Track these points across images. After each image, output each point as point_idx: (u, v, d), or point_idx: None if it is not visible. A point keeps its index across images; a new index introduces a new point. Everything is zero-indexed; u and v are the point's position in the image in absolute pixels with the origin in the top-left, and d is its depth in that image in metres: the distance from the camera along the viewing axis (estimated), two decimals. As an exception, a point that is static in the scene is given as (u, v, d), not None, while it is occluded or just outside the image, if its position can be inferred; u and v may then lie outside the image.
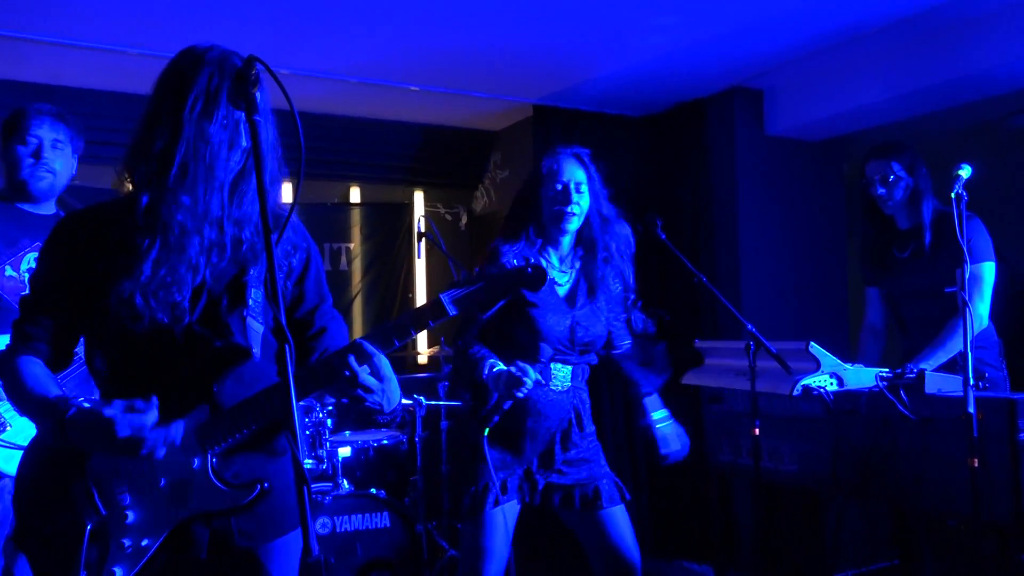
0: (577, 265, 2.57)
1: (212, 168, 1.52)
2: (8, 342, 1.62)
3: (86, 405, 1.46)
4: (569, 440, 2.48)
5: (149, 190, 1.52)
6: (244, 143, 1.53)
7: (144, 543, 1.47)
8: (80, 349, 1.68)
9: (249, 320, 1.58)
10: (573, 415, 2.51)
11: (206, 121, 1.49)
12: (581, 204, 2.47)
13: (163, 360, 1.55)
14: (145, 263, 1.50)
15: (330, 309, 1.77)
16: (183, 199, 1.51)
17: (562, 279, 2.54)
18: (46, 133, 2.61)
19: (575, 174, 2.48)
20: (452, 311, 1.54)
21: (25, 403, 1.54)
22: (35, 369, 1.56)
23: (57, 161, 2.63)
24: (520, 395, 2.22)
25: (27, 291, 1.63)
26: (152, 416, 1.43)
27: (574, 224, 2.50)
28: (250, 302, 1.59)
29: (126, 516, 1.49)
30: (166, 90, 1.54)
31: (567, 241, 2.53)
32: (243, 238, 1.59)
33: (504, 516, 2.39)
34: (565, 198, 2.44)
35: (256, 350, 1.58)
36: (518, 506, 2.44)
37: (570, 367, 2.50)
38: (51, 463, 1.54)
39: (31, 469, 1.57)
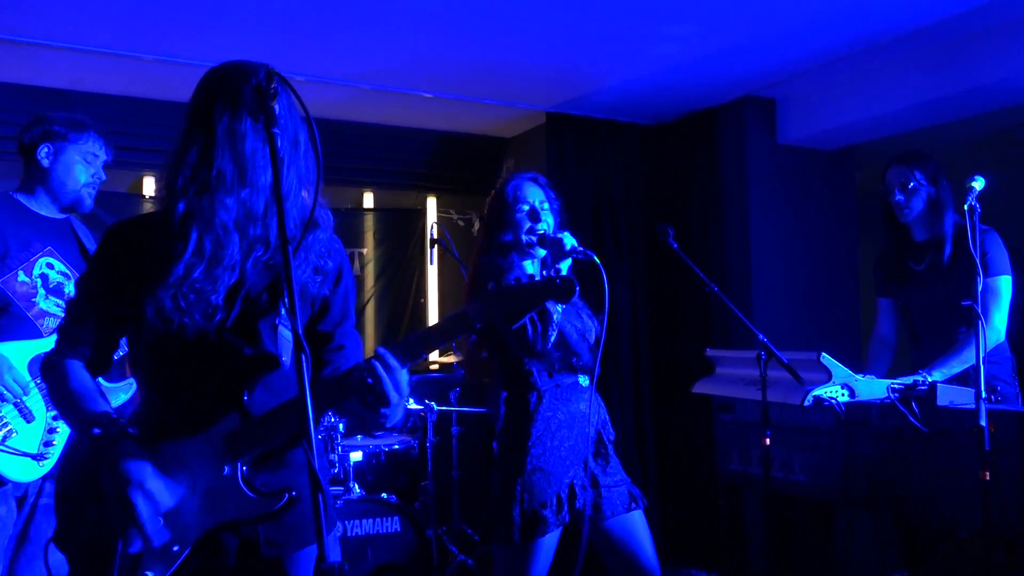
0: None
1: (250, 168, 1.53)
2: (54, 345, 1.67)
3: (124, 448, 1.49)
4: (603, 442, 2.57)
5: (186, 197, 1.54)
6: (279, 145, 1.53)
7: (175, 548, 1.50)
8: None
9: (280, 328, 1.60)
10: (606, 415, 2.63)
11: (238, 123, 1.52)
12: (548, 221, 2.61)
13: (195, 367, 1.57)
14: (177, 265, 1.52)
15: (351, 329, 1.78)
16: (225, 200, 1.53)
17: None
18: (101, 151, 2.65)
19: (537, 195, 2.63)
20: (479, 323, 1.51)
21: (68, 410, 1.59)
22: (80, 376, 1.61)
23: None
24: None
25: (73, 295, 1.68)
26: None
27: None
28: (282, 310, 1.60)
29: (158, 521, 1.50)
30: (197, 103, 1.57)
31: (540, 256, 2.63)
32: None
33: (550, 538, 2.43)
34: (535, 216, 2.59)
35: (285, 358, 1.59)
36: (568, 520, 2.46)
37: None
38: (89, 468, 1.56)
39: (70, 473, 1.60)
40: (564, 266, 2.45)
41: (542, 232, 2.55)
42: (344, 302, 1.75)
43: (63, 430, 2.50)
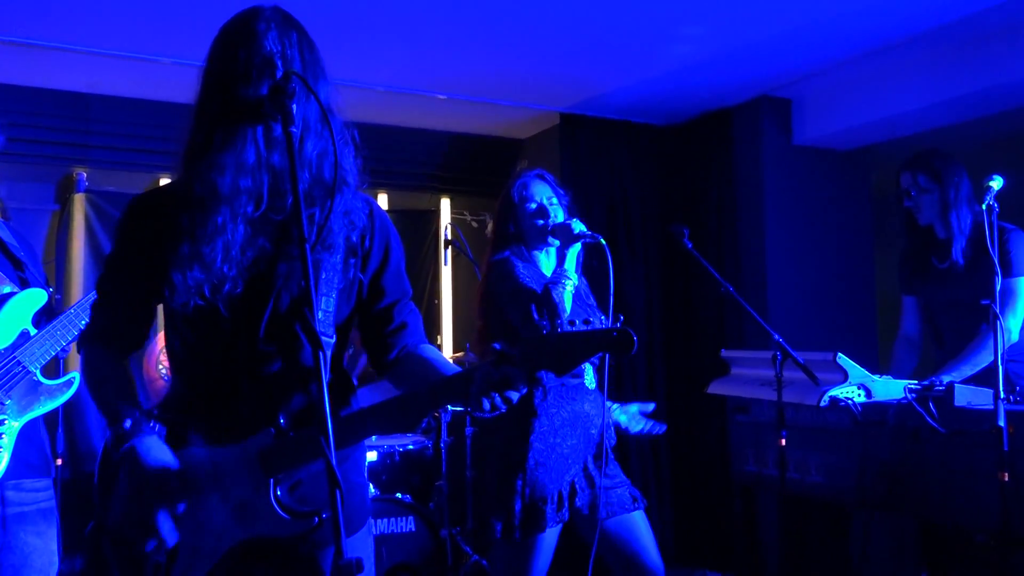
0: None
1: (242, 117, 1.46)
2: (88, 321, 1.65)
3: (148, 445, 1.45)
4: (607, 440, 2.58)
5: (186, 162, 1.50)
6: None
7: (207, 552, 1.47)
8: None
9: (320, 337, 1.48)
10: (610, 420, 2.64)
11: (235, 87, 1.48)
12: (558, 216, 2.63)
13: (226, 380, 1.52)
14: (182, 239, 1.46)
15: (409, 303, 1.69)
16: (217, 160, 1.46)
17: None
18: None
19: (544, 191, 2.66)
20: (525, 368, 1.38)
21: (96, 396, 1.55)
22: (109, 363, 1.58)
23: None
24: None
25: (103, 271, 1.64)
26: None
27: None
28: (320, 314, 1.52)
29: (191, 525, 1.47)
30: (201, 82, 1.56)
31: (553, 251, 2.65)
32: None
33: (551, 535, 2.44)
34: (544, 213, 2.62)
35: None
36: (567, 518, 2.47)
37: (590, 364, 2.59)
38: (119, 464, 1.51)
39: (108, 468, 1.55)
40: (573, 252, 2.49)
41: (553, 224, 2.57)
42: (397, 279, 1.66)
43: (6, 432, 2.37)
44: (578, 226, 2.48)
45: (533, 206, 2.63)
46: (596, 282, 2.33)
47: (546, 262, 2.67)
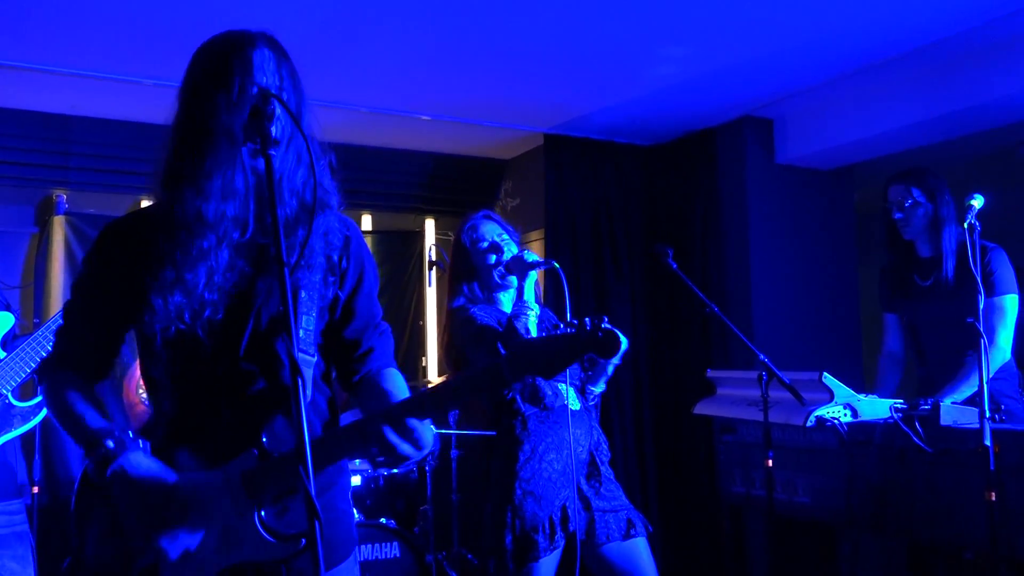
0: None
1: (225, 139, 1.45)
2: (52, 348, 1.60)
3: (137, 460, 1.42)
4: (596, 464, 2.56)
5: (168, 187, 1.49)
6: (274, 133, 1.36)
7: None
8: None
9: (300, 355, 1.45)
10: (599, 435, 2.63)
11: (227, 113, 1.47)
12: (511, 249, 2.66)
13: (207, 402, 1.50)
14: (163, 263, 1.45)
15: (379, 324, 1.69)
16: (203, 185, 1.45)
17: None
18: None
19: (494, 229, 2.70)
20: (514, 379, 1.36)
21: (71, 425, 1.50)
22: (76, 386, 1.53)
23: None
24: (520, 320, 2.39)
25: (70, 297, 1.61)
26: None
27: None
28: (301, 333, 1.51)
29: (172, 556, 1.42)
30: (181, 86, 1.55)
31: (513, 291, 2.66)
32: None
33: (547, 563, 2.40)
34: (497, 248, 2.65)
35: (307, 388, 1.50)
36: (563, 543, 2.44)
37: (571, 388, 2.59)
38: (104, 496, 1.47)
39: (85, 500, 1.51)
40: (530, 282, 2.49)
41: (508, 260, 2.59)
42: (368, 304, 1.66)
43: None
44: (530, 256, 2.50)
45: (485, 244, 2.65)
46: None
47: (508, 302, 2.67)
